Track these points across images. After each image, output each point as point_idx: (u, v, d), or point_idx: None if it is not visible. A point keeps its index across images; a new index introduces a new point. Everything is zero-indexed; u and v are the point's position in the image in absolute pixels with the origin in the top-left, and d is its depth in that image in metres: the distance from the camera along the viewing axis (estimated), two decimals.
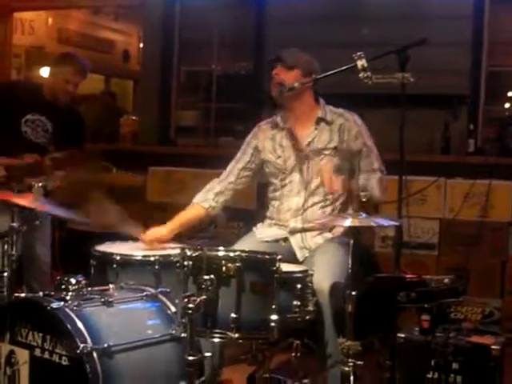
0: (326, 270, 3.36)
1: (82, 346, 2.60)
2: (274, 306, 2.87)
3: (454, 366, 3.39)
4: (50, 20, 10.10)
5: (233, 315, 2.80)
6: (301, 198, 3.69)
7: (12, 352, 2.83)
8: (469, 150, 5.83)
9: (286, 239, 3.71)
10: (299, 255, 3.63)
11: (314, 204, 3.68)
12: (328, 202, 3.68)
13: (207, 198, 3.82)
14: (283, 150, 3.74)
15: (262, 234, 3.77)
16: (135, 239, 3.66)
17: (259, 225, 3.86)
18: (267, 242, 3.71)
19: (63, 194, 4.39)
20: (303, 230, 3.67)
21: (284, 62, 3.67)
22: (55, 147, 4.55)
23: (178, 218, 3.80)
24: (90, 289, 2.92)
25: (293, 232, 3.69)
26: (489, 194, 5.39)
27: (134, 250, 3.40)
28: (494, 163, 5.53)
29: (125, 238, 3.66)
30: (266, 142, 3.80)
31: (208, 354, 2.87)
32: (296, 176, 3.71)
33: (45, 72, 10.83)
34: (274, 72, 3.69)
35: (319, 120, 3.71)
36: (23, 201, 3.38)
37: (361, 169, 3.66)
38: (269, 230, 3.78)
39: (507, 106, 6.40)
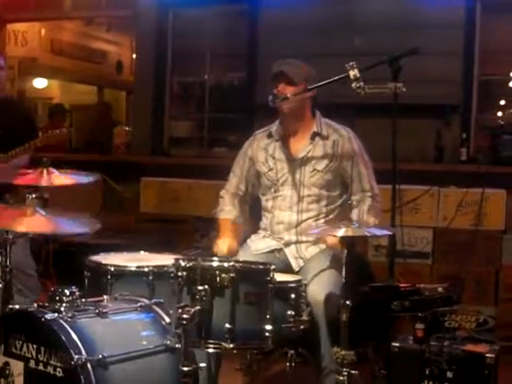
0: (320, 280, 3.37)
1: (76, 357, 2.59)
2: (268, 316, 2.86)
3: (449, 374, 3.38)
4: (43, 31, 10.11)
5: (227, 325, 2.80)
6: (293, 213, 3.67)
7: (6, 364, 2.81)
8: (461, 158, 5.86)
9: (280, 250, 3.69)
10: (294, 265, 3.62)
11: (309, 218, 3.66)
12: (322, 216, 3.66)
13: (233, 213, 3.86)
14: (275, 161, 3.72)
15: (257, 246, 3.74)
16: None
17: (253, 236, 3.83)
18: (262, 253, 3.68)
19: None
20: (298, 242, 3.66)
21: (288, 78, 3.56)
22: None
23: (229, 233, 3.78)
24: (84, 300, 2.91)
25: (287, 244, 3.68)
26: (482, 202, 5.40)
27: (127, 261, 3.39)
28: (487, 172, 5.55)
29: (118, 249, 3.65)
30: (258, 152, 3.78)
31: (203, 365, 2.86)
32: (288, 190, 3.68)
33: (38, 83, 10.88)
34: (280, 88, 3.55)
35: (314, 134, 3.67)
36: (24, 227, 3.27)
37: (353, 189, 3.66)
38: (263, 241, 3.75)
39: (499, 114, 6.42)
